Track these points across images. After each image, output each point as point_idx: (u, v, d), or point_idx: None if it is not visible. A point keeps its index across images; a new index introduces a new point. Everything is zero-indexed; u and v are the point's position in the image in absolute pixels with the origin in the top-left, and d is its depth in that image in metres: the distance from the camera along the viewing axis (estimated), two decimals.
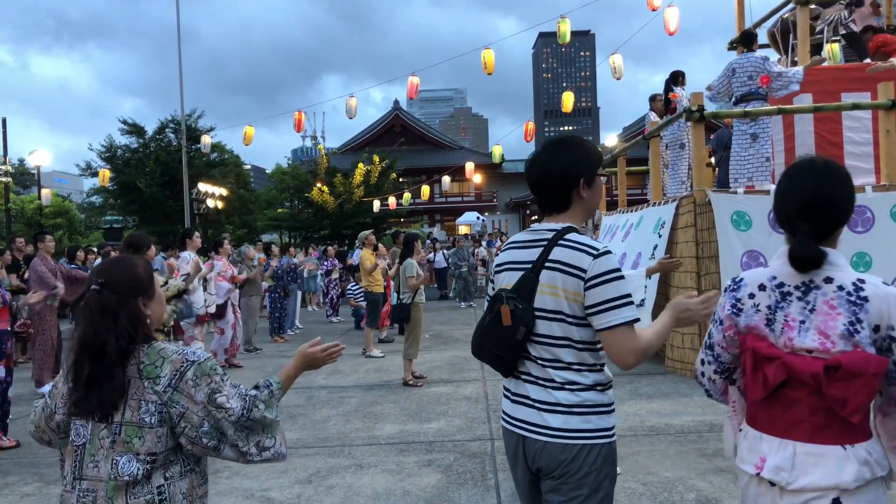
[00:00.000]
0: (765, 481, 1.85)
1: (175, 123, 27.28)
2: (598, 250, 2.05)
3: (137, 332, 1.92)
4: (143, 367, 1.89)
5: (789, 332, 1.85)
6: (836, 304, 1.80)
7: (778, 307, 1.89)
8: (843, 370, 1.73)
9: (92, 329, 1.89)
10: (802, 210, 1.86)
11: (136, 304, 1.96)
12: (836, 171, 1.90)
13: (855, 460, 1.76)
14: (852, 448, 1.78)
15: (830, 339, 1.78)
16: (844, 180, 1.90)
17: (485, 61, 13.03)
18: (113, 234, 20.82)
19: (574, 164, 2.18)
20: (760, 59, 8.05)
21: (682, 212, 7.90)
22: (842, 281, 1.82)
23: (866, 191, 7.40)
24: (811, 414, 1.81)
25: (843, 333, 1.77)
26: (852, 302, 1.78)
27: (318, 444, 5.67)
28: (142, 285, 2.00)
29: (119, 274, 1.98)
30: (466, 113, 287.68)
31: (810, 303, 1.84)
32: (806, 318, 1.83)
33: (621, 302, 2.00)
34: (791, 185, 1.93)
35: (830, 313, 1.80)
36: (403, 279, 8.11)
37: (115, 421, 1.85)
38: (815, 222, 1.85)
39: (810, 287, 1.85)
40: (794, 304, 1.87)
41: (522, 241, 2.26)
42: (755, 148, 8.05)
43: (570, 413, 2.07)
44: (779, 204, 1.95)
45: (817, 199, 1.85)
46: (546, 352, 2.11)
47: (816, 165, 1.91)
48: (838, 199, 1.87)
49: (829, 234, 1.88)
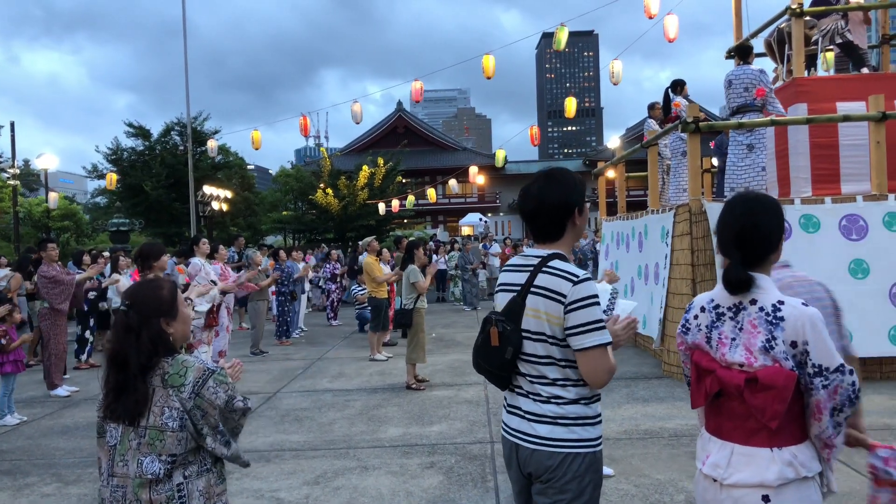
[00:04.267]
0: (708, 476, 2.13)
1: (181, 126, 27.50)
2: (578, 277, 2.25)
3: (158, 349, 2.18)
4: (168, 376, 2.14)
5: (723, 348, 2.13)
6: (757, 324, 2.07)
7: (714, 326, 2.17)
8: (760, 383, 2.01)
9: (118, 345, 2.16)
10: (735, 239, 2.12)
11: (159, 324, 2.22)
12: (765, 204, 2.16)
13: (779, 461, 2.02)
14: (779, 451, 2.03)
15: (753, 355, 2.05)
16: (772, 212, 2.15)
17: (485, 66, 13.24)
18: (119, 237, 21.04)
19: (568, 195, 2.38)
20: (757, 71, 8.23)
21: (679, 220, 8.10)
22: (763, 303, 2.08)
23: (857, 200, 7.60)
24: (744, 420, 2.08)
25: (762, 349, 2.04)
26: (769, 321, 2.04)
27: (325, 447, 5.89)
28: (164, 307, 2.26)
29: (144, 296, 2.24)
30: (470, 113, 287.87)
31: (739, 322, 2.11)
32: (736, 336, 2.11)
33: (596, 326, 2.21)
34: (727, 216, 2.19)
35: (753, 331, 2.07)
36: (407, 285, 8.31)
37: (142, 425, 2.11)
38: (745, 250, 2.11)
39: (740, 308, 2.12)
40: (726, 323, 2.14)
41: (515, 265, 2.47)
42: (751, 158, 8.24)
43: (556, 424, 2.29)
44: (718, 233, 2.22)
45: (745, 229, 2.12)
46: (533, 369, 2.33)
47: (748, 199, 2.19)
48: (765, 229, 2.12)
49: (760, 261, 2.13)
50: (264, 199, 34.01)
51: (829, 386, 1.99)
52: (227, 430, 2.20)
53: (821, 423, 2.05)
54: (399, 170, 30.43)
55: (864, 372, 7.47)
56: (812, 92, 9.16)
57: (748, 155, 8.23)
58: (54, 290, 8.34)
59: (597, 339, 2.21)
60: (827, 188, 8.78)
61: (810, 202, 7.71)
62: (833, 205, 7.61)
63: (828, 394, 2.00)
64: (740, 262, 2.11)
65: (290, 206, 31.15)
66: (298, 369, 9.61)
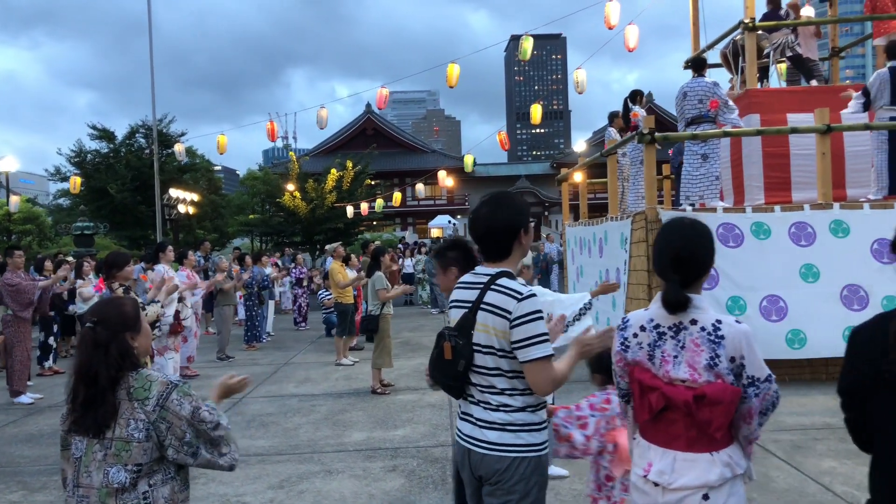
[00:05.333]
0: (650, 482, 2.30)
1: (146, 129, 27.26)
2: (522, 295, 2.43)
3: (125, 362, 2.31)
4: (133, 390, 2.27)
5: (666, 365, 2.29)
6: (699, 342, 2.24)
7: (656, 345, 2.32)
8: (708, 399, 2.19)
9: (87, 360, 2.28)
10: (672, 262, 2.28)
11: (125, 339, 2.35)
12: (699, 230, 2.34)
13: (719, 463, 2.22)
14: (717, 454, 2.23)
15: (697, 371, 2.23)
16: (705, 237, 2.33)
17: (448, 75, 13.42)
18: (83, 241, 20.76)
19: (514, 218, 2.57)
20: (711, 84, 8.55)
21: (636, 227, 8.36)
22: (704, 322, 2.25)
23: (805, 209, 7.93)
24: (686, 430, 2.26)
25: (706, 366, 2.22)
26: (711, 340, 2.22)
27: (290, 451, 6.01)
28: (129, 322, 2.39)
29: (109, 313, 2.38)
30: (439, 115, 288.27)
31: (681, 341, 2.27)
32: (678, 354, 2.27)
33: (539, 339, 2.40)
34: (663, 241, 2.36)
35: (696, 350, 2.24)
36: (372, 291, 8.45)
37: (107, 437, 2.24)
38: (682, 272, 2.27)
39: (680, 328, 2.29)
40: (668, 342, 2.30)
41: (467, 283, 2.65)
42: (706, 167, 8.55)
43: (504, 430, 2.47)
44: (655, 257, 2.38)
45: (681, 253, 2.28)
46: (483, 380, 2.51)
47: (684, 225, 2.35)
48: (699, 254, 2.30)
49: (694, 282, 2.31)
50: (231, 201, 33.86)
51: (760, 394, 2.22)
52: (203, 442, 2.31)
53: (751, 425, 2.26)
54: (368, 172, 30.52)
55: (811, 373, 7.81)
56: (764, 103, 9.52)
57: (703, 164, 8.53)
58: (17, 297, 8.33)
59: (538, 351, 2.38)
60: (779, 195, 9.14)
61: (761, 210, 8.02)
62: (782, 213, 7.92)
63: (759, 401, 2.22)
64: (679, 284, 2.26)
65: (258, 209, 31.08)
66: (265, 374, 9.69)
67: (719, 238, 7.72)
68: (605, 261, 9.98)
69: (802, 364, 7.78)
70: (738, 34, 10.24)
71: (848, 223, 7.80)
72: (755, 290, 7.64)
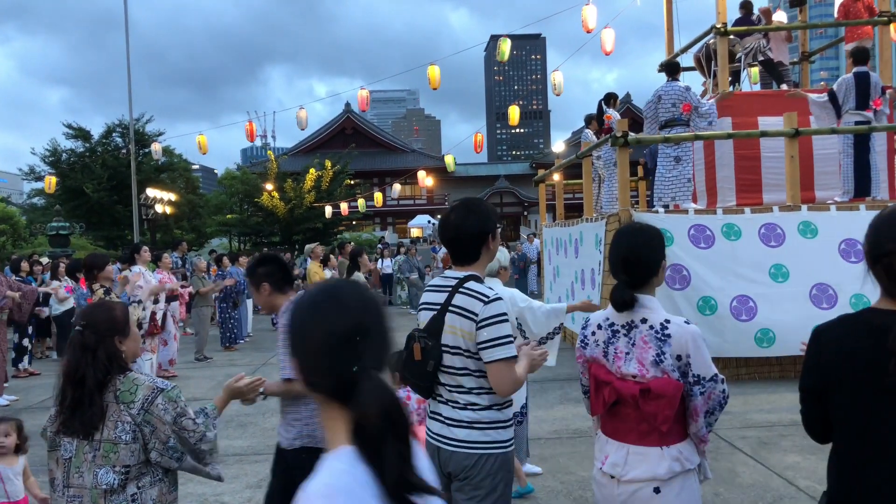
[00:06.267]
0: (606, 474, 2.43)
1: (122, 128, 27.05)
2: (489, 298, 2.54)
3: (113, 366, 2.36)
4: (120, 393, 2.33)
5: (618, 361, 2.43)
6: (648, 340, 2.38)
7: (610, 342, 2.47)
8: (652, 392, 2.32)
9: (74, 363, 2.33)
10: (621, 263, 2.44)
11: (113, 343, 2.40)
12: (647, 234, 2.48)
13: (668, 458, 2.34)
14: (668, 448, 2.35)
15: (645, 367, 2.36)
16: (653, 241, 2.47)
17: (430, 77, 13.52)
18: (59, 241, 20.56)
19: (483, 224, 2.67)
20: (683, 88, 8.72)
21: (610, 228, 8.51)
22: (653, 322, 2.39)
23: (774, 210, 8.12)
24: (637, 424, 2.38)
25: (653, 362, 2.35)
26: (658, 338, 2.36)
27: (268, 451, 6.02)
28: (118, 326, 2.44)
29: (98, 317, 2.42)
30: (419, 114, 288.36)
31: (632, 339, 2.42)
32: (630, 350, 2.41)
33: (503, 341, 2.50)
34: (614, 245, 2.51)
35: (644, 347, 2.38)
36: None
37: (96, 439, 2.29)
38: (630, 273, 2.42)
39: (632, 326, 2.43)
40: (621, 339, 2.45)
41: (437, 286, 2.74)
42: (678, 170, 8.71)
43: (472, 428, 2.57)
44: (610, 259, 2.53)
45: (629, 255, 2.43)
46: (451, 379, 2.61)
47: (634, 230, 2.51)
48: (645, 256, 2.44)
49: (644, 283, 2.45)
50: (209, 201, 33.65)
51: (705, 392, 2.34)
52: (188, 450, 2.36)
53: (697, 423, 2.38)
54: (347, 172, 30.51)
55: (780, 371, 8.00)
56: (735, 107, 9.71)
57: (675, 167, 8.70)
58: None
59: (502, 352, 2.49)
60: (750, 197, 9.34)
61: (731, 212, 8.20)
62: (752, 214, 8.10)
63: (703, 399, 2.34)
64: (625, 284, 2.42)
65: (236, 209, 30.93)
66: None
67: (691, 239, 7.88)
68: (581, 261, 10.13)
69: (771, 362, 7.97)
70: (711, 38, 10.45)
71: (816, 224, 8.00)
72: (726, 291, 7.81)
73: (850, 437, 1.95)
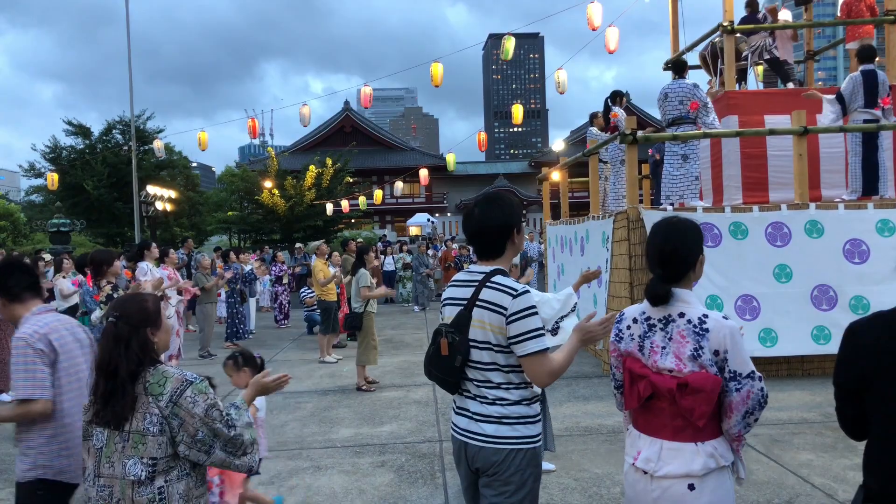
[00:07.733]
0: (640, 469, 2.41)
1: (123, 125, 26.99)
2: (518, 291, 2.52)
3: (145, 357, 2.37)
4: (149, 385, 2.32)
5: (654, 355, 2.42)
6: (685, 334, 2.36)
7: (646, 336, 2.46)
8: (690, 387, 2.30)
9: (107, 354, 2.34)
10: (657, 258, 2.43)
11: (145, 334, 2.41)
12: (683, 228, 2.46)
13: (703, 454, 2.32)
14: (702, 444, 2.34)
15: (682, 361, 2.35)
16: (689, 234, 2.45)
17: (433, 74, 13.51)
18: (60, 238, 20.51)
19: (508, 217, 2.65)
20: (691, 85, 8.70)
21: (618, 226, 8.50)
22: (690, 316, 2.38)
23: (782, 208, 8.12)
24: (672, 419, 2.37)
25: (691, 356, 2.34)
26: (697, 332, 2.35)
27: (278, 448, 6.05)
28: (150, 318, 2.45)
29: (131, 308, 2.43)
30: (417, 113, 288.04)
31: (669, 333, 2.40)
32: (666, 345, 2.40)
33: (536, 334, 2.48)
34: (650, 239, 2.50)
35: (682, 341, 2.36)
36: (356, 289, 8.49)
37: (125, 429, 2.29)
38: (666, 267, 2.42)
39: (669, 320, 2.41)
40: (657, 333, 2.43)
41: (461, 281, 2.72)
42: (686, 168, 8.70)
43: (501, 423, 2.55)
44: (646, 253, 2.52)
45: (665, 249, 2.42)
46: (479, 374, 2.59)
47: (670, 224, 2.48)
48: (682, 250, 2.43)
49: (680, 277, 2.44)
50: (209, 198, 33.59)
51: (742, 389, 2.30)
52: (221, 442, 2.34)
53: (731, 419, 2.35)
54: (348, 170, 30.47)
55: (788, 370, 8.01)
56: (742, 105, 9.71)
57: (683, 165, 8.69)
58: None
59: (535, 345, 2.47)
60: (756, 196, 9.34)
61: (739, 210, 8.19)
62: (760, 213, 8.10)
63: (741, 397, 2.31)
64: (661, 279, 2.41)
65: (236, 207, 30.87)
66: None
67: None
68: (587, 259, 10.11)
69: (779, 361, 7.98)
70: (717, 37, 10.44)
71: (823, 223, 7.99)
72: (731, 290, 7.83)
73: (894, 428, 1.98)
